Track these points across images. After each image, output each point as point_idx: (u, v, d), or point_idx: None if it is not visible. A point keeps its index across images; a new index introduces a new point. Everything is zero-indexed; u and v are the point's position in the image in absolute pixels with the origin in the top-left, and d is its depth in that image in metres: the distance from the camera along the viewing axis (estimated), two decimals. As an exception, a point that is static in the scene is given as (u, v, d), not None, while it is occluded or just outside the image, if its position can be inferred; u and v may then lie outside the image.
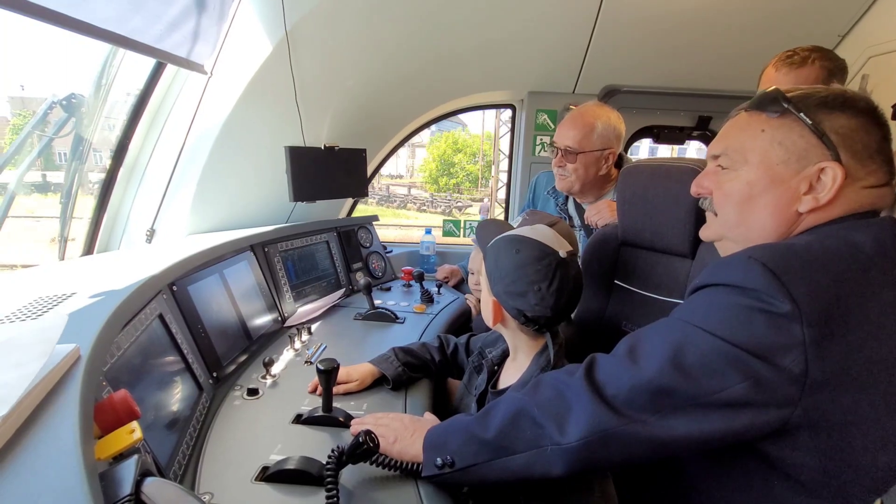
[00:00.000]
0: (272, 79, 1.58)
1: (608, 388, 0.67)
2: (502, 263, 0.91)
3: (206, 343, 1.11)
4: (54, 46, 33.91)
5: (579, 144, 1.49)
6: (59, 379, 0.52)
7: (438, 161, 22.93)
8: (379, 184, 24.13)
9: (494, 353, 1.05)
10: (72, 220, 1.52)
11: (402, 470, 0.83)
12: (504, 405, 0.77)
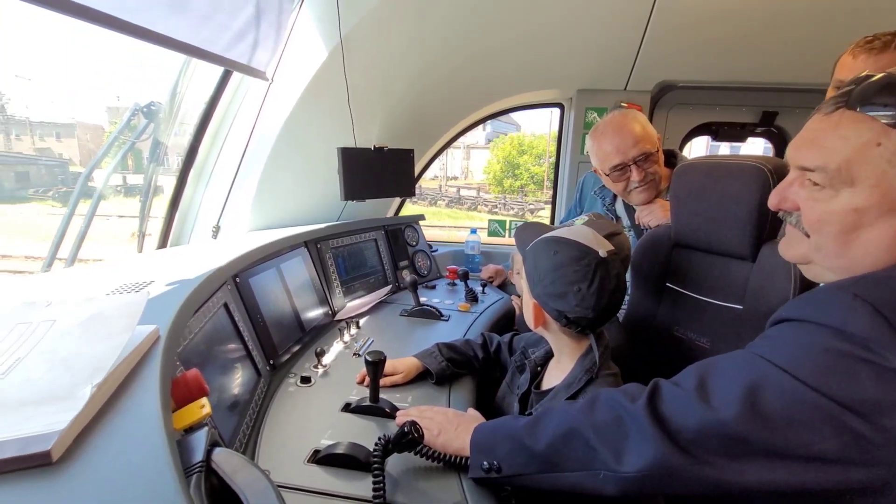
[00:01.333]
0: (327, 83, 1.66)
1: (673, 423, 0.61)
2: (541, 265, 0.90)
3: (264, 332, 1.18)
4: (143, 58, 37.30)
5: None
6: (143, 355, 0.58)
7: (502, 163, 22.73)
8: (445, 186, 24.23)
9: (538, 353, 1.05)
10: (149, 217, 1.66)
11: (446, 462, 0.84)
12: (556, 419, 0.74)
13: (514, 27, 1.82)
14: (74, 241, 1.43)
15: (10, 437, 0.39)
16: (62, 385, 0.46)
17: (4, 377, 0.46)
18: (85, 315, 0.57)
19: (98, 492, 0.37)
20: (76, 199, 1.49)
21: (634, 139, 1.38)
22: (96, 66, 57.86)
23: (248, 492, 0.46)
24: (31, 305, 0.58)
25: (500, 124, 30.52)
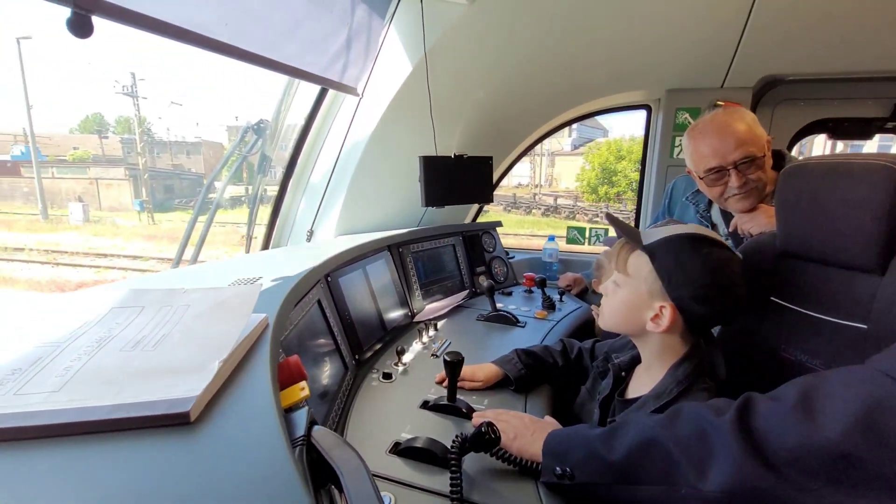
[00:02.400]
0: (411, 95, 1.75)
1: (766, 440, 0.56)
2: (692, 265, 0.81)
3: (351, 328, 1.27)
4: (257, 82, 42.23)
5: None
6: (256, 339, 0.66)
7: (598, 169, 21.85)
8: (540, 194, 23.86)
9: (622, 358, 1.00)
10: (255, 223, 1.86)
11: (522, 467, 0.84)
12: (634, 429, 0.71)
13: (600, 29, 1.78)
14: (196, 244, 1.65)
15: (160, 398, 0.47)
16: (196, 359, 0.54)
17: (155, 349, 0.55)
18: (213, 302, 0.66)
19: (225, 449, 0.44)
20: (198, 209, 1.72)
21: (737, 141, 1.24)
22: (220, 90, 66.68)
23: (343, 467, 0.51)
24: (172, 293, 0.69)
25: (586, 129, 29.44)
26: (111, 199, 18.59)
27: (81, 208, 16.51)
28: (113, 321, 0.61)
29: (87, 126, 47.29)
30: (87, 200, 18.03)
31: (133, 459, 0.42)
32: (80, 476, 0.39)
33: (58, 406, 0.46)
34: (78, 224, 15.59)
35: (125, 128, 45.60)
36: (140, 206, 17.68)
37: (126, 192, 18.83)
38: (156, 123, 30.50)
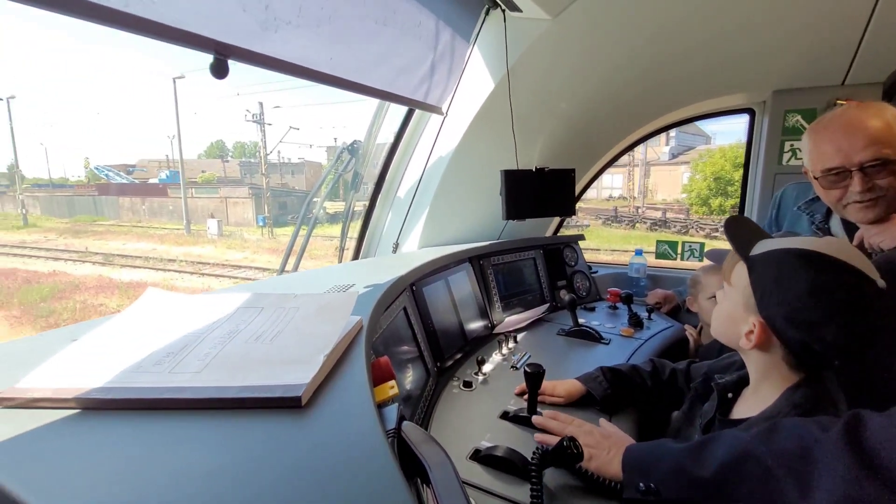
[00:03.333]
0: (493, 112, 1.79)
1: (880, 457, 0.53)
2: (791, 284, 0.73)
3: (433, 336, 1.32)
4: (351, 106, 46.28)
5: None
6: (353, 339, 0.73)
7: (710, 179, 19.90)
8: (644, 208, 22.58)
9: (728, 378, 0.91)
10: (347, 236, 2.02)
11: (603, 486, 0.82)
12: (726, 443, 0.68)
13: (695, 34, 1.68)
14: (297, 254, 1.83)
15: (278, 383, 0.55)
16: (305, 352, 0.61)
17: (272, 343, 0.64)
18: (317, 306, 0.75)
19: (330, 431, 0.49)
20: (300, 223, 1.91)
21: (868, 139, 1.05)
22: (323, 115, 73.77)
23: (430, 461, 0.54)
24: (284, 297, 0.78)
25: (686, 137, 27.40)
26: (237, 216, 21.35)
27: (216, 224, 18.82)
28: (239, 318, 0.71)
29: (212, 152, 54.80)
30: (218, 217, 20.72)
31: (256, 431, 0.49)
32: (218, 441, 0.47)
33: (200, 384, 0.55)
34: (213, 238, 17.82)
35: (241, 152, 51.93)
36: (262, 221, 20.07)
37: (249, 209, 21.54)
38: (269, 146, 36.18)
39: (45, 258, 12.61)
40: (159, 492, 0.40)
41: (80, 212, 24.30)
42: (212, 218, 19.64)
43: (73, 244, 15.16)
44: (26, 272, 10.57)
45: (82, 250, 13.39)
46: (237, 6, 0.89)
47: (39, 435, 0.48)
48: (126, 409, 0.53)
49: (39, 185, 36.26)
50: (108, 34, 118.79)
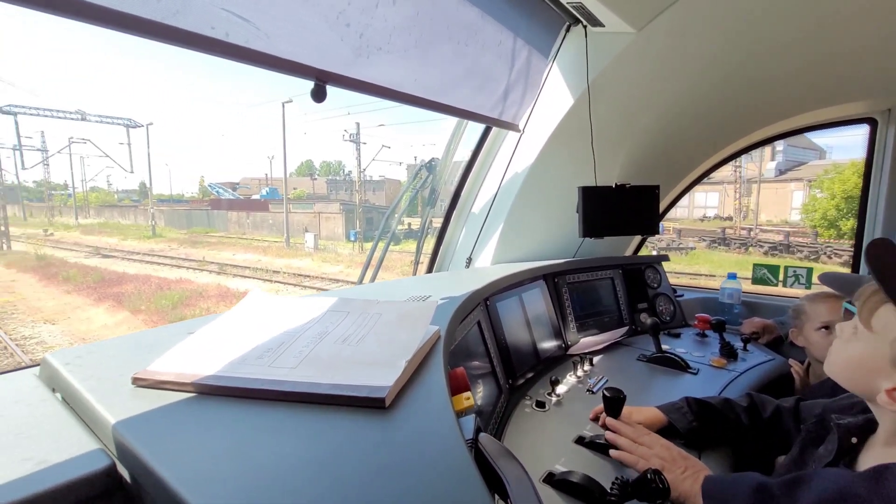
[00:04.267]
0: (571, 128, 1.76)
1: None
2: None
3: (506, 353, 1.31)
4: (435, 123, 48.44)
5: None
6: (431, 347, 0.75)
7: (839, 199, 17.38)
8: (756, 230, 20.35)
9: (851, 420, 0.77)
10: (422, 251, 2.08)
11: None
12: (826, 481, 0.62)
13: (801, 37, 1.54)
14: (375, 266, 1.92)
15: (363, 383, 0.57)
16: (388, 356, 0.64)
17: (357, 345, 0.68)
18: (399, 313, 0.78)
19: (412, 434, 0.51)
20: (378, 237, 2.00)
21: None
22: (402, 134, 77.77)
23: (509, 476, 0.53)
24: (368, 303, 0.83)
25: (795, 151, 24.76)
26: (328, 230, 22.93)
27: (313, 238, 19.77)
28: (328, 321, 0.76)
29: (301, 170, 60.00)
30: (312, 231, 22.22)
31: (344, 427, 0.52)
32: (311, 432, 0.50)
33: (295, 378, 0.59)
34: (310, 251, 18.66)
35: (327, 170, 56.10)
36: (354, 236, 21.19)
37: (339, 224, 22.98)
38: (349, 164, 39.02)
39: (170, 266, 14.16)
40: (261, 471, 0.44)
41: (195, 224, 27.50)
42: (308, 232, 20.87)
43: (192, 253, 16.84)
44: (158, 279, 11.89)
45: (200, 259, 14.89)
46: (336, 36, 0.98)
47: (165, 412, 0.54)
48: (233, 396, 0.58)
49: (162, 199, 41.84)
50: (228, 68, 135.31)
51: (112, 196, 46.37)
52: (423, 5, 1.08)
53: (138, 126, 22.86)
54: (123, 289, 10.13)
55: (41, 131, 27.88)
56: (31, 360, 6.68)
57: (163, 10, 0.72)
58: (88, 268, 12.80)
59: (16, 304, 8.65)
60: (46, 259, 13.80)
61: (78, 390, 0.59)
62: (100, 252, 16.46)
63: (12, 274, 12.10)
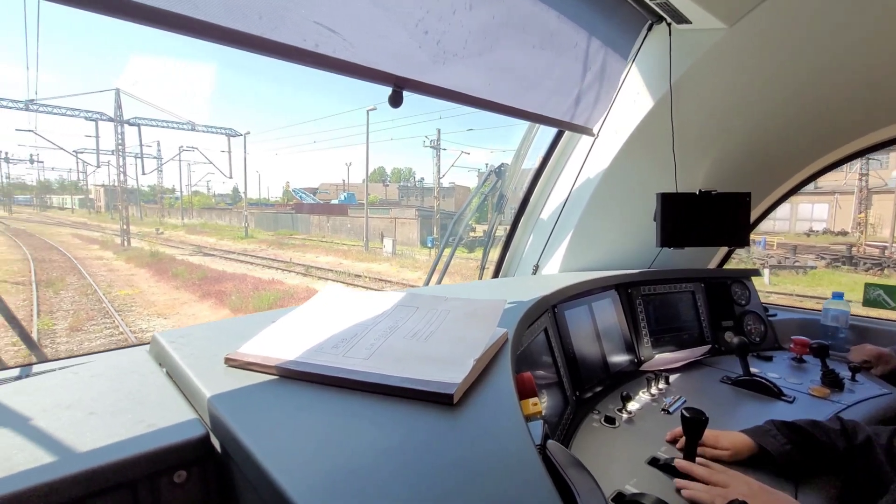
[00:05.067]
0: (650, 131, 1.67)
1: None
2: None
3: (573, 363, 1.26)
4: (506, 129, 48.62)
5: None
6: (498, 349, 0.74)
7: None
8: (891, 246, 17.91)
9: None
10: (488, 256, 2.07)
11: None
12: None
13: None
14: (441, 270, 1.94)
15: (432, 379, 0.58)
16: (456, 354, 0.64)
17: (426, 341, 0.69)
18: (467, 311, 0.78)
19: (479, 432, 0.50)
20: (445, 241, 2.03)
21: None
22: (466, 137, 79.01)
23: (579, 487, 0.51)
24: (437, 299, 0.84)
25: None
26: (402, 235, 23.17)
27: (391, 243, 19.46)
28: (398, 315, 0.78)
29: (373, 177, 62.99)
30: (387, 235, 22.55)
31: (413, 418, 0.52)
32: (382, 420, 0.52)
33: (367, 369, 0.61)
34: (388, 256, 18.54)
35: (398, 177, 58.33)
36: (431, 242, 21.02)
37: (414, 230, 23.19)
38: (419, 172, 40.87)
39: (262, 266, 15.00)
40: (337, 451, 0.46)
41: (280, 226, 29.49)
42: (387, 237, 20.98)
43: (279, 254, 17.70)
44: (253, 279, 12.56)
45: (287, 261, 15.65)
46: (414, 44, 1.01)
47: (251, 390, 0.59)
48: (311, 381, 0.62)
49: (252, 203, 45.80)
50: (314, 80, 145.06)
51: (210, 199, 51.54)
52: (499, 10, 1.09)
53: (237, 135, 25.10)
54: (224, 287, 10.88)
55: (157, 141, 31.73)
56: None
57: (264, 26, 0.79)
58: (193, 265, 13.93)
59: (134, 298, 9.65)
60: (158, 256, 15.26)
61: (180, 365, 0.66)
62: (201, 250, 17.95)
63: (131, 268, 13.50)
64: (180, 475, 0.51)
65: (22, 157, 39.33)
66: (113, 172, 25.32)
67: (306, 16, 0.82)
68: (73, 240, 20.07)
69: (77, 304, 8.64)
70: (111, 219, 30.16)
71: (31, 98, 17.18)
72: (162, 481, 0.50)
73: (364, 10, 0.89)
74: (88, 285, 10.18)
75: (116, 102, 19.66)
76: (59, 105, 19.26)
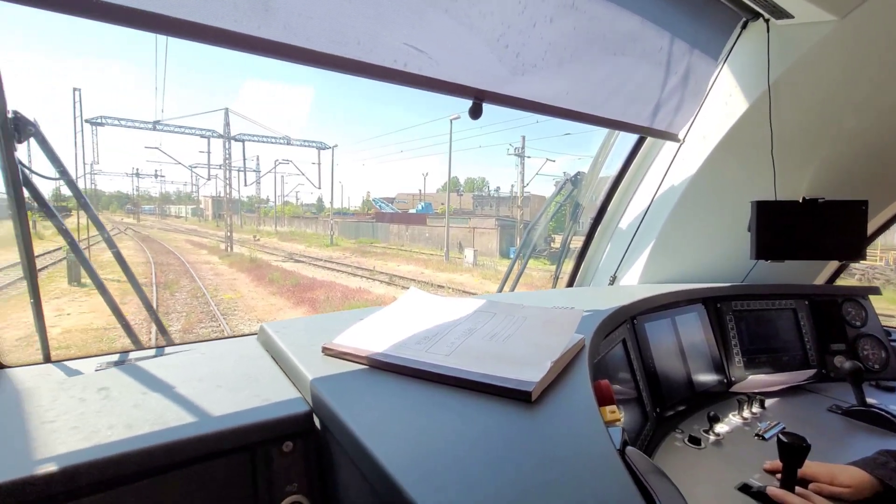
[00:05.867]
0: (744, 135, 1.56)
1: None
2: None
3: (654, 378, 1.21)
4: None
5: None
6: (575, 355, 0.74)
7: None
8: None
9: None
10: (562, 264, 2.04)
11: None
12: None
13: None
14: (515, 278, 1.95)
15: (510, 377, 0.61)
16: (533, 356, 0.66)
17: (504, 343, 0.71)
18: (544, 318, 0.79)
19: (559, 428, 0.52)
20: (520, 250, 2.03)
21: None
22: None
23: (661, 496, 0.50)
24: (514, 307, 0.86)
25: None
26: (481, 246, 22.42)
27: (472, 254, 18.55)
28: (476, 319, 0.82)
29: (447, 186, 64.38)
30: (465, 245, 22.16)
31: (492, 412, 0.55)
32: (463, 411, 0.55)
33: (448, 365, 0.65)
34: (469, 266, 17.57)
35: (471, 187, 59.12)
36: (513, 253, 19.67)
37: (493, 240, 22.48)
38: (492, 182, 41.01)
39: (347, 273, 15.32)
40: (423, 434, 0.50)
41: (361, 234, 30.64)
42: (468, 248, 20.26)
43: (363, 262, 17.90)
44: (341, 287, 12.75)
45: (371, 269, 15.82)
46: (494, 58, 1.06)
47: (346, 376, 0.65)
48: (397, 372, 0.67)
49: (334, 212, 48.85)
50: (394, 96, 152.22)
51: (299, 209, 55.76)
52: (581, 20, 1.10)
53: (326, 147, 26.79)
54: (315, 294, 11.34)
55: (257, 156, 35.00)
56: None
57: (360, 50, 0.88)
58: (287, 271, 14.76)
59: (237, 302, 10.32)
60: (257, 261, 16.36)
61: (284, 351, 0.75)
62: (292, 257, 18.96)
63: (234, 272, 14.58)
64: (287, 445, 0.59)
65: (149, 172, 45.79)
66: (219, 185, 28.28)
67: (398, 38, 0.90)
68: (186, 245, 22.48)
69: (189, 307, 9.52)
70: (216, 226, 33.59)
71: (157, 119, 19.87)
72: (273, 449, 0.58)
73: (450, 29, 0.95)
74: (198, 288, 11.25)
75: (225, 120, 21.97)
76: (179, 125, 21.99)
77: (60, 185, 1.18)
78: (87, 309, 8.51)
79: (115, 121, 20.33)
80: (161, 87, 54.21)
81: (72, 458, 0.46)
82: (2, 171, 0.87)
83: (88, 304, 8.83)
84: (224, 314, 9.11)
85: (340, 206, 60.88)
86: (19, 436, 0.51)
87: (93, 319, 7.77)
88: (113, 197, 60.93)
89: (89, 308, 8.55)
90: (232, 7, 0.73)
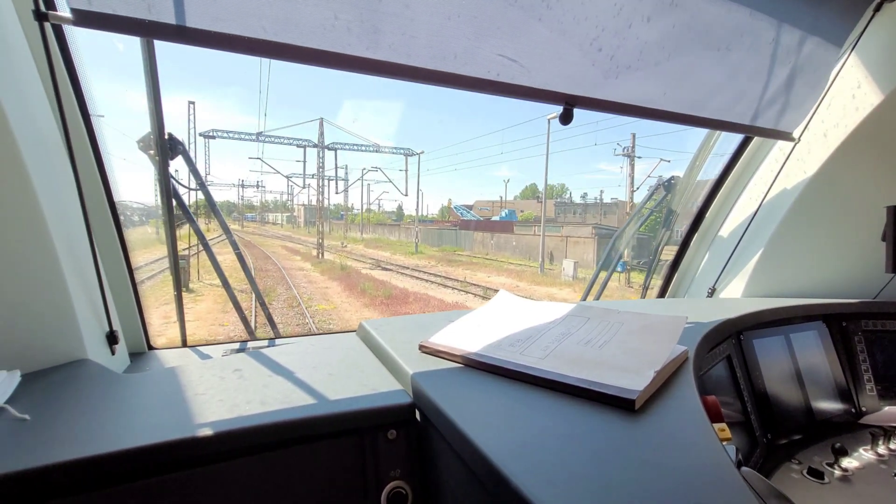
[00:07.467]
0: (877, 132, 1.37)
1: None
2: None
3: (763, 400, 1.10)
4: None
5: None
6: (678, 367, 0.71)
7: None
8: None
9: None
10: (654, 273, 1.93)
11: None
12: None
13: None
14: (601, 286, 1.88)
15: (610, 383, 0.60)
16: (633, 364, 0.64)
17: (600, 349, 0.70)
18: (642, 324, 0.77)
19: (665, 439, 0.50)
20: (605, 256, 1.96)
21: None
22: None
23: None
24: (608, 311, 0.84)
25: None
26: (575, 256, 19.48)
27: (572, 265, 16.06)
28: (569, 324, 0.81)
29: (525, 193, 63.80)
30: (556, 255, 20.00)
31: (593, 417, 0.55)
32: (561, 413, 0.56)
33: (543, 367, 0.66)
34: (568, 280, 15.47)
35: (551, 193, 57.90)
36: (622, 266, 14.20)
37: (590, 249, 19.75)
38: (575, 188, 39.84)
39: (438, 284, 13.79)
40: (524, 431, 0.51)
41: (444, 242, 30.03)
42: (566, 259, 17.72)
43: (450, 272, 16.06)
44: (437, 301, 11.48)
45: (461, 280, 14.36)
46: (587, 62, 1.04)
47: (443, 373, 0.69)
48: (491, 371, 0.69)
49: (415, 220, 50.38)
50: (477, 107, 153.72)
51: (382, 216, 58.34)
52: (681, 17, 1.05)
53: (414, 154, 27.50)
54: (410, 309, 10.66)
55: (346, 165, 36.88)
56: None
57: (457, 63, 0.92)
58: (377, 280, 14.07)
59: (331, 314, 9.91)
60: (347, 269, 15.81)
61: (384, 347, 0.80)
62: (380, 264, 18.24)
63: (325, 280, 14.09)
64: (392, 433, 0.63)
65: (251, 182, 50.73)
66: (311, 193, 30.25)
67: (493, 50, 0.93)
68: (282, 251, 23.91)
69: (285, 317, 9.38)
70: (308, 233, 35.96)
71: (260, 131, 21.98)
72: (380, 435, 0.62)
73: (542, 37, 0.96)
74: (293, 297, 11.01)
75: (320, 130, 23.57)
76: (279, 136, 24.01)
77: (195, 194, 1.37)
78: (193, 317, 8.59)
79: (224, 133, 22.75)
80: (264, 103, 60.58)
81: (223, 426, 0.54)
82: (158, 184, 1.04)
83: (194, 312, 8.96)
84: (319, 327, 8.84)
85: (420, 214, 62.77)
86: (180, 403, 0.61)
87: (195, 329, 7.84)
88: (222, 205, 68.69)
89: (195, 316, 8.70)
90: (346, 31, 0.81)
